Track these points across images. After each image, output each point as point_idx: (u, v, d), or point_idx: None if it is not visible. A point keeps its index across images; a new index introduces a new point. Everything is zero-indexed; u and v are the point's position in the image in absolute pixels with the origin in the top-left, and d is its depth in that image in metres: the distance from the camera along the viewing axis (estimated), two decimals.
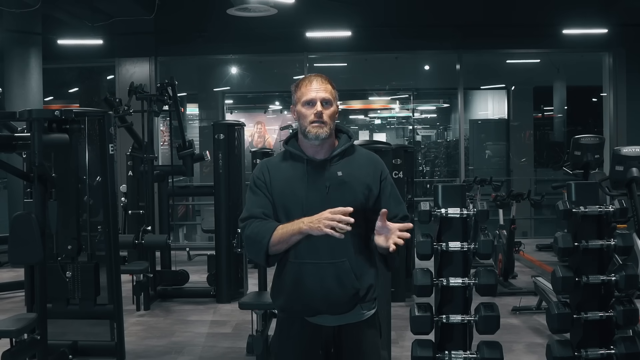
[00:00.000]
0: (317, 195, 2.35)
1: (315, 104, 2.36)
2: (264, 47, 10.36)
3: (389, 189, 2.46)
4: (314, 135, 2.36)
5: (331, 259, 2.34)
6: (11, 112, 4.74)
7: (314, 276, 2.35)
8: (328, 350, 2.41)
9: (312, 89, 2.38)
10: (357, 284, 2.36)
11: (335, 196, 2.35)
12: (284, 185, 2.40)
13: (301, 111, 2.39)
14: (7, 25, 8.93)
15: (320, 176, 2.38)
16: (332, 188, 2.36)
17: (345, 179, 2.38)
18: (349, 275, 2.34)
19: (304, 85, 2.40)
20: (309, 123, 2.36)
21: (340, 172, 2.39)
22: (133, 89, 6.82)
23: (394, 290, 5.59)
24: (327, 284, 2.34)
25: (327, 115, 2.37)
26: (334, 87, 2.43)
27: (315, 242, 2.30)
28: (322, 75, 2.44)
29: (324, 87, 2.39)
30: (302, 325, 2.42)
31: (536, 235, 10.57)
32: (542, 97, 13.87)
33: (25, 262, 4.67)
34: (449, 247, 3.49)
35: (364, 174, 2.42)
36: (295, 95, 2.43)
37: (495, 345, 3.49)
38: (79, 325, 5.00)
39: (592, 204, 3.60)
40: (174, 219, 9.66)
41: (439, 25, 10.04)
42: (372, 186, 2.42)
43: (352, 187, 2.38)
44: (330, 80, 2.44)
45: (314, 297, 2.36)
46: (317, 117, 2.35)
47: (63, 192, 4.49)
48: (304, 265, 2.35)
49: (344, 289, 2.35)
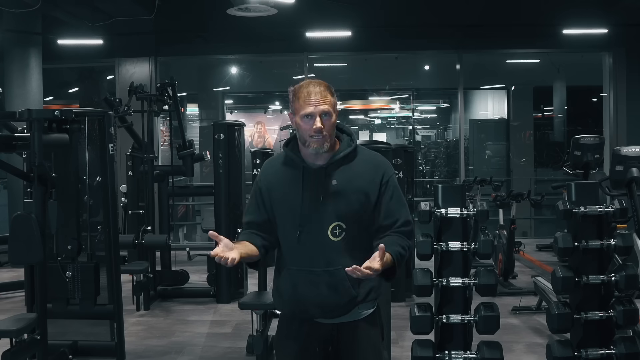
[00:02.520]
0: (311, 204, 2.35)
1: (315, 119, 2.29)
2: (264, 47, 10.36)
3: (390, 192, 2.39)
4: (315, 150, 2.33)
5: (326, 267, 2.34)
6: (11, 112, 4.75)
7: (309, 284, 2.36)
8: (326, 347, 2.42)
9: (311, 102, 2.29)
10: (353, 292, 2.36)
11: (330, 205, 2.34)
12: (281, 192, 2.41)
13: (300, 124, 2.32)
14: (7, 25, 8.92)
15: (315, 185, 2.36)
16: (326, 198, 2.34)
17: (339, 187, 2.35)
18: (344, 283, 2.33)
19: (302, 96, 2.31)
20: (309, 137, 2.31)
21: (335, 180, 2.35)
22: (133, 89, 6.82)
23: (394, 290, 5.60)
24: (322, 291, 2.35)
25: (327, 128, 2.31)
26: (333, 94, 2.34)
27: (310, 250, 2.32)
28: (322, 83, 2.34)
29: (322, 98, 2.30)
30: (301, 323, 2.44)
31: (536, 235, 10.57)
32: (542, 97, 13.88)
33: (25, 262, 4.67)
34: (449, 247, 3.49)
35: (362, 180, 2.37)
36: (294, 105, 2.34)
37: (495, 345, 3.49)
38: (79, 325, 5.00)
39: (592, 204, 3.60)
40: (174, 219, 9.65)
41: (439, 25, 10.04)
42: (370, 193, 2.36)
43: (347, 196, 2.35)
44: (329, 88, 2.34)
45: (310, 304, 2.38)
46: (316, 132, 2.29)
47: (63, 192, 4.49)
48: (300, 272, 2.37)
49: (339, 296, 2.35)
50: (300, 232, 2.35)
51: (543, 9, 9.72)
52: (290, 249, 2.40)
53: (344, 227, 2.34)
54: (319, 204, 2.34)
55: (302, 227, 2.35)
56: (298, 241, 2.36)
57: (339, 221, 2.34)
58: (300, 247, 2.34)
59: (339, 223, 2.34)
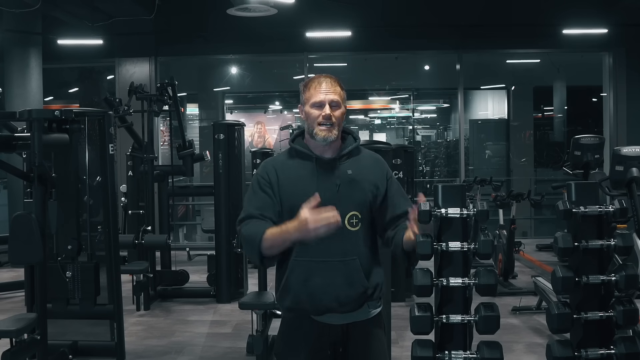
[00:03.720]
0: (327, 193, 2.33)
1: (324, 106, 2.37)
2: (264, 47, 10.36)
3: (395, 186, 2.51)
4: (322, 138, 2.37)
5: (342, 257, 2.35)
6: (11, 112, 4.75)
7: (324, 274, 2.34)
8: (336, 349, 2.41)
9: (321, 91, 2.38)
10: (366, 283, 2.38)
11: (345, 194, 2.37)
12: (293, 184, 2.39)
13: (309, 112, 2.40)
14: (7, 25, 8.93)
15: (331, 174, 2.40)
16: (343, 186, 2.38)
17: (355, 177, 2.40)
18: (359, 273, 2.36)
19: (313, 86, 2.40)
20: (317, 125, 2.37)
21: (350, 170, 2.41)
22: (133, 89, 6.82)
23: (394, 290, 5.60)
24: (337, 282, 2.34)
25: (335, 117, 2.37)
26: (342, 89, 2.44)
27: (326, 240, 2.26)
28: (332, 77, 2.44)
29: (333, 88, 2.40)
30: (310, 325, 2.40)
31: (536, 235, 10.58)
32: (542, 97, 13.88)
33: (25, 262, 4.67)
34: (449, 247, 3.48)
35: (372, 173, 2.45)
36: (304, 96, 2.43)
37: (495, 345, 3.48)
38: (79, 325, 5.01)
39: (592, 204, 3.59)
40: (174, 219, 9.65)
41: (439, 25, 10.04)
42: (380, 185, 2.45)
43: (362, 185, 2.41)
44: (339, 82, 2.44)
45: (324, 296, 2.35)
46: (325, 119, 2.36)
47: (63, 192, 4.49)
48: (313, 263, 2.34)
49: (353, 288, 2.36)
50: None
51: (543, 9, 9.73)
52: None
53: (359, 217, 2.39)
54: (336, 193, 2.36)
55: None
56: None
57: (355, 210, 2.38)
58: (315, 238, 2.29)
59: (355, 213, 2.38)
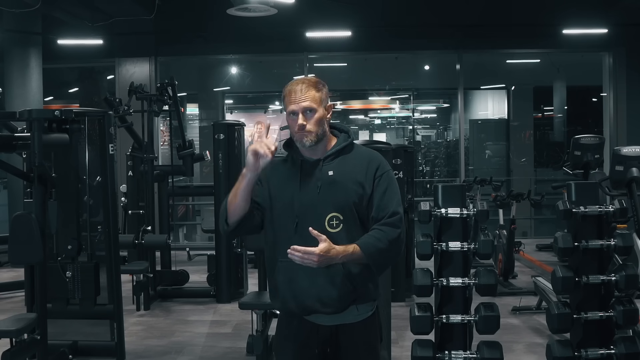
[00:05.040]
0: (308, 194, 2.38)
1: (297, 115, 2.36)
2: (264, 47, 10.36)
3: (384, 186, 2.40)
4: (301, 144, 2.40)
5: None
6: (11, 112, 4.75)
7: (306, 276, 2.35)
8: (324, 349, 2.42)
9: (292, 100, 2.37)
10: (350, 285, 2.36)
11: (326, 195, 2.37)
12: (278, 185, 2.45)
13: (288, 120, 2.42)
14: (7, 25, 8.93)
15: (312, 176, 2.40)
16: (324, 187, 2.38)
17: (336, 178, 2.39)
18: (341, 274, 2.35)
19: (287, 95, 2.40)
20: (295, 133, 2.39)
21: (331, 171, 2.40)
22: (133, 89, 6.82)
23: (394, 290, 5.60)
24: (319, 283, 2.35)
25: (311, 124, 2.36)
26: (319, 90, 2.39)
27: (306, 242, 2.29)
28: (306, 80, 2.41)
29: (304, 95, 2.36)
30: (299, 324, 2.43)
31: (536, 235, 10.57)
32: (542, 97, 13.87)
33: (25, 262, 4.67)
34: (449, 247, 3.49)
35: (357, 172, 2.41)
36: (284, 104, 2.44)
37: (495, 345, 3.49)
38: (79, 325, 5.00)
39: (592, 204, 3.60)
40: (174, 219, 9.65)
41: (439, 25, 10.04)
42: (365, 184, 2.40)
43: (344, 186, 2.38)
44: (315, 83, 2.40)
45: (307, 297, 2.37)
46: (299, 129, 2.36)
47: (63, 192, 4.49)
48: (296, 265, 2.33)
49: (336, 289, 2.35)
50: (297, 222, 2.36)
51: (543, 9, 9.73)
52: (287, 241, 2.35)
53: (341, 219, 2.37)
54: (316, 194, 2.37)
55: (299, 217, 2.36)
56: (295, 232, 2.36)
57: (335, 212, 2.37)
58: (297, 238, 2.33)
59: (335, 214, 2.37)
